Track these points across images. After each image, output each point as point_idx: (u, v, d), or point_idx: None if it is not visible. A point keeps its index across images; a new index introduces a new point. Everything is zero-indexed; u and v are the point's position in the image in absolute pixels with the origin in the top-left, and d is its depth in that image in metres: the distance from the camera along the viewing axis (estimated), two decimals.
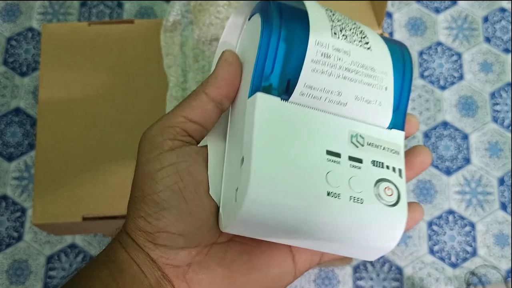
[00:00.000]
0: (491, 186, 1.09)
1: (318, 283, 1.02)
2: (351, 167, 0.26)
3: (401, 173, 0.27)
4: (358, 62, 0.26)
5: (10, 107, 1.11)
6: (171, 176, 0.25)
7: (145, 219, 0.25)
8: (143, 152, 0.27)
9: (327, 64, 0.26)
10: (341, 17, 0.28)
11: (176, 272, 0.26)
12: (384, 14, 0.60)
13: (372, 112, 0.27)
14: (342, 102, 0.27)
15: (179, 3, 0.65)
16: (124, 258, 0.25)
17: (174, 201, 0.25)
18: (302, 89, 0.26)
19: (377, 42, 0.28)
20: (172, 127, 0.26)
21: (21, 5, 1.19)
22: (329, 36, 0.26)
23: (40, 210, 0.59)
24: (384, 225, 0.26)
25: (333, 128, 0.26)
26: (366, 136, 0.27)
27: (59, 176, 0.60)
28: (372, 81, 0.27)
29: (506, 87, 1.16)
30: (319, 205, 0.25)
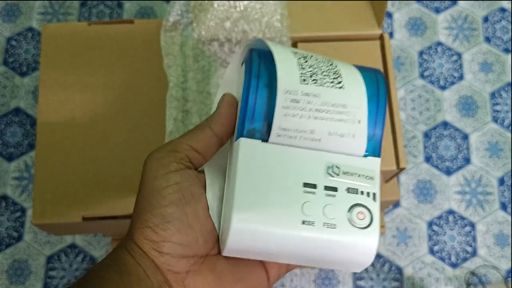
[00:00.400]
0: (491, 186, 1.09)
1: (318, 283, 1.02)
2: (326, 196, 0.29)
3: (375, 197, 0.30)
4: (328, 102, 0.30)
5: (10, 107, 1.11)
6: (176, 193, 0.29)
7: (152, 229, 0.29)
8: (150, 170, 0.30)
9: (297, 108, 0.29)
10: (316, 61, 0.31)
11: (176, 278, 0.29)
12: (384, 14, 0.60)
13: (346, 144, 0.30)
14: (316, 138, 0.30)
15: (179, 3, 0.65)
16: (131, 262, 0.29)
17: (177, 215, 0.29)
18: (278, 131, 0.29)
19: (351, 78, 0.31)
20: (178, 152, 0.30)
21: (21, 5, 1.19)
22: (297, 83, 0.29)
23: (40, 210, 0.59)
24: (356, 246, 0.29)
25: (310, 161, 0.30)
26: (342, 166, 0.30)
27: (59, 176, 0.60)
28: (344, 117, 0.30)
29: (506, 87, 1.16)
30: (295, 233, 0.28)
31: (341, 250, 0.29)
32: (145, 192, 0.30)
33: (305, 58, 0.31)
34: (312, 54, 0.32)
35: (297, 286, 1.02)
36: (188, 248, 0.29)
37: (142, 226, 0.29)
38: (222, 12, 0.63)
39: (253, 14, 0.63)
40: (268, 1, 0.63)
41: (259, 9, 0.63)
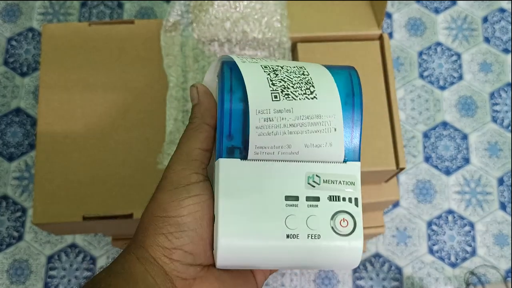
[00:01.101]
0: (490, 186, 1.09)
1: (318, 283, 1.02)
2: (308, 206, 0.30)
3: (357, 202, 0.30)
4: (302, 115, 0.30)
5: (10, 107, 1.11)
6: (195, 205, 0.30)
7: (166, 236, 0.29)
8: (170, 181, 0.31)
9: (271, 126, 0.30)
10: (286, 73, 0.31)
11: (184, 284, 0.30)
12: (383, 14, 0.61)
13: (324, 153, 0.30)
14: (293, 152, 0.30)
15: (179, 3, 0.65)
16: (140, 270, 0.29)
17: (193, 225, 0.30)
18: (255, 150, 0.30)
19: (324, 85, 0.31)
20: (195, 160, 0.31)
21: (22, 6, 1.19)
22: (269, 102, 0.30)
23: (40, 210, 0.59)
24: (342, 253, 0.30)
25: (290, 174, 0.30)
26: (322, 174, 0.30)
27: (59, 176, 0.60)
28: (319, 127, 0.30)
29: (505, 87, 1.16)
30: (280, 247, 0.29)
31: (327, 257, 0.30)
32: (163, 201, 0.30)
33: (275, 72, 0.31)
34: (283, 64, 0.32)
35: (297, 286, 1.02)
36: (197, 257, 0.30)
37: (155, 232, 0.30)
38: (222, 12, 0.63)
39: (253, 14, 0.63)
40: (268, 1, 0.64)
41: (259, 9, 0.64)
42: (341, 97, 0.31)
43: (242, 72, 0.30)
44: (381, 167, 0.56)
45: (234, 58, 0.31)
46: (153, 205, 0.31)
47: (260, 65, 0.31)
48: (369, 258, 1.04)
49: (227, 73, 0.31)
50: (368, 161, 0.56)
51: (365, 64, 0.60)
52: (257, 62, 0.32)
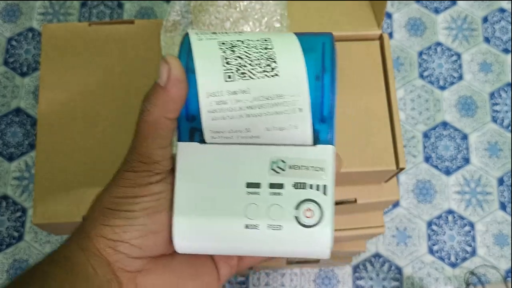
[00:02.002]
0: (490, 186, 1.09)
1: (318, 282, 1.02)
2: (271, 194, 0.27)
3: (326, 190, 0.27)
4: (261, 96, 0.27)
5: (10, 107, 1.11)
6: (151, 202, 0.28)
7: (113, 229, 0.28)
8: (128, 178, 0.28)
9: (225, 110, 0.27)
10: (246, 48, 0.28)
11: (128, 276, 0.29)
12: (383, 14, 0.60)
13: (289, 136, 0.27)
14: (254, 136, 0.27)
15: (179, 3, 0.65)
16: (81, 260, 0.28)
17: (144, 221, 0.28)
18: (211, 135, 0.27)
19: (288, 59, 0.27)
20: (157, 163, 0.28)
21: (22, 6, 1.19)
22: (222, 83, 0.26)
23: (40, 210, 0.59)
24: (306, 245, 0.27)
25: (252, 159, 0.28)
26: (288, 159, 0.28)
27: (59, 176, 0.60)
28: (281, 108, 0.27)
29: (505, 87, 1.16)
30: (239, 239, 0.27)
31: (290, 250, 0.28)
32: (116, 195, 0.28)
33: (232, 49, 0.28)
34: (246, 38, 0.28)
35: (297, 286, 1.02)
36: (146, 251, 0.28)
37: (102, 224, 0.28)
38: (222, 12, 0.63)
39: (253, 14, 0.63)
40: (268, 1, 0.64)
41: (259, 9, 0.64)
42: (310, 72, 0.27)
43: (193, 51, 0.27)
44: (381, 167, 0.56)
45: (190, 33, 0.28)
46: (105, 196, 0.29)
47: (217, 41, 0.28)
48: (369, 258, 1.04)
49: (185, 50, 0.28)
50: (368, 161, 0.56)
51: (365, 64, 0.60)
52: (216, 38, 0.28)
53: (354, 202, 0.63)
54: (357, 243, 0.83)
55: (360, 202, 0.63)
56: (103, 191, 0.30)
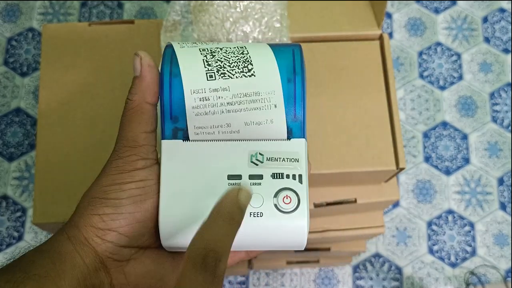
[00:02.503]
0: (490, 186, 1.09)
1: (318, 282, 1.02)
2: (252, 185, 0.30)
3: (301, 179, 0.30)
4: (239, 93, 0.30)
5: (10, 107, 1.11)
6: (138, 189, 0.29)
7: (101, 217, 0.29)
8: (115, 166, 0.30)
9: (207, 106, 0.30)
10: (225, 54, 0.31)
11: (115, 265, 0.30)
12: (383, 14, 0.61)
13: (266, 130, 0.30)
14: (234, 131, 0.30)
15: (179, 3, 0.65)
16: (68, 249, 0.28)
17: (131, 209, 0.29)
18: (194, 130, 0.30)
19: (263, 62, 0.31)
20: (142, 146, 0.30)
21: (22, 6, 1.19)
22: (204, 81, 0.30)
23: (40, 210, 0.59)
24: (286, 230, 0.29)
25: (233, 153, 0.30)
26: (266, 152, 0.30)
27: (59, 176, 0.60)
28: (258, 104, 0.30)
29: (505, 87, 1.16)
30: None
31: (272, 236, 0.30)
32: (104, 183, 0.30)
33: (212, 54, 0.31)
34: (223, 46, 0.32)
35: (297, 286, 1.02)
36: (133, 240, 0.29)
37: (91, 213, 0.29)
38: (222, 12, 0.63)
39: (253, 14, 0.63)
40: (268, 1, 0.64)
41: (259, 9, 0.64)
42: (283, 75, 0.30)
43: (177, 55, 0.31)
44: (381, 167, 0.56)
45: (173, 44, 0.32)
46: (94, 187, 0.30)
47: (199, 48, 0.31)
48: (369, 258, 1.04)
49: (168, 58, 0.31)
50: (368, 161, 0.56)
51: (365, 64, 0.60)
52: (196, 46, 0.32)
53: (354, 202, 0.63)
54: (357, 243, 0.83)
55: (360, 202, 0.63)
56: (92, 183, 0.31)
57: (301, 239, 0.30)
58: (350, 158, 0.56)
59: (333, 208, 0.64)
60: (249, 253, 0.33)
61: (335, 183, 0.61)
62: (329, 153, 0.56)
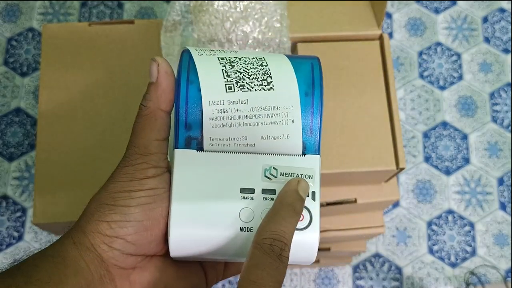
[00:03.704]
0: (490, 186, 1.09)
1: (318, 282, 1.02)
2: (264, 199, 0.29)
3: (315, 196, 0.30)
4: (258, 106, 0.30)
5: (10, 107, 1.11)
6: (147, 197, 0.29)
7: (109, 224, 0.28)
8: (125, 173, 0.30)
9: (225, 118, 0.29)
10: (244, 65, 0.31)
11: (121, 273, 0.29)
12: (383, 14, 0.61)
13: (282, 145, 0.30)
14: (249, 144, 0.30)
15: (179, 3, 0.65)
16: (73, 254, 0.28)
17: (140, 217, 0.29)
18: (210, 142, 0.30)
19: (282, 76, 0.30)
20: (154, 154, 0.30)
21: (22, 6, 1.19)
22: (223, 93, 0.29)
23: (40, 210, 0.59)
24: (297, 247, 0.29)
25: (247, 166, 0.30)
26: (280, 167, 0.30)
27: (59, 176, 0.60)
28: (275, 119, 0.30)
29: (505, 87, 1.16)
30: (233, 241, 0.29)
31: None
32: (114, 190, 0.29)
33: (231, 64, 0.30)
34: (242, 56, 0.31)
35: (297, 285, 1.02)
36: (139, 248, 0.29)
37: (99, 219, 0.29)
38: (222, 12, 0.63)
39: (253, 14, 0.63)
40: (268, 1, 0.64)
41: (259, 9, 0.64)
42: (301, 88, 0.30)
43: (196, 64, 0.30)
44: (381, 167, 0.56)
45: (191, 50, 0.31)
46: (102, 193, 0.30)
47: (217, 57, 0.31)
48: (369, 258, 1.04)
49: (185, 64, 0.30)
50: (368, 161, 0.56)
51: (365, 64, 0.60)
52: (214, 54, 0.31)
53: (354, 202, 0.63)
54: (357, 243, 0.83)
55: (360, 202, 0.63)
56: (101, 188, 0.30)
57: (311, 255, 0.29)
58: (350, 158, 0.56)
59: (333, 208, 0.64)
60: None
61: (335, 183, 0.61)
62: (329, 153, 0.56)
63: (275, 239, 0.27)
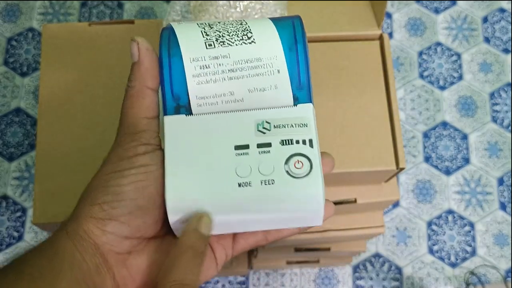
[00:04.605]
0: (490, 186, 1.09)
1: (318, 282, 1.02)
2: (260, 153, 0.29)
3: (312, 143, 0.29)
4: (240, 59, 0.29)
5: (10, 107, 1.11)
6: (139, 174, 0.28)
7: (101, 206, 0.28)
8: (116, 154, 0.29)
9: (208, 74, 0.29)
10: (223, 25, 0.30)
11: (117, 258, 0.28)
12: (383, 14, 0.61)
13: (271, 97, 0.29)
14: (237, 99, 0.29)
15: (179, 3, 0.65)
16: (67, 246, 0.27)
17: (133, 195, 0.28)
18: (197, 101, 0.29)
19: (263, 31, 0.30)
20: (143, 132, 0.29)
21: (22, 6, 1.19)
22: (203, 49, 0.29)
23: (40, 210, 0.59)
24: (301, 195, 0.28)
25: (238, 123, 0.29)
26: (272, 120, 0.29)
27: (59, 176, 0.60)
28: (260, 70, 0.29)
29: (505, 87, 1.16)
30: (233, 198, 0.28)
31: (286, 204, 0.28)
32: (105, 172, 0.29)
33: (210, 26, 0.30)
34: (220, 20, 0.31)
35: (297, 286, 1.02)
36: (134, 229, 0.28)
37: (90, 203, 0.28)
38: (222, 12, 0.63)
39: (253, 14, 0.63)
40: (268, 1, 0.64)
41: (259, 9, 0.64)
42: (284, 43, 0.30)
43: (175, 30, 0.30)
44: (381, 167, 0.56)
45: (171, 23, 0.31)
46: (94, 178, 0.29)
47: (196, 23, 0.31)
48: (369, 258, 1.04)
49: (166, 36, 0.31)
50: (368, 161, 0.56)
51: (365, 64, 0.60)
52: (194, 22, 0.31)
53: (354, 202, 0.63)
54: (357, 243, 0.83)
55: (360, 202, 0.63)
56: (94, 175, 0.30)
57: (316, 208, 0.28)
58: (350, 158, 0.56)
59: None
60: (266, 236, 0.31)
61: (335, 183, 0.61)
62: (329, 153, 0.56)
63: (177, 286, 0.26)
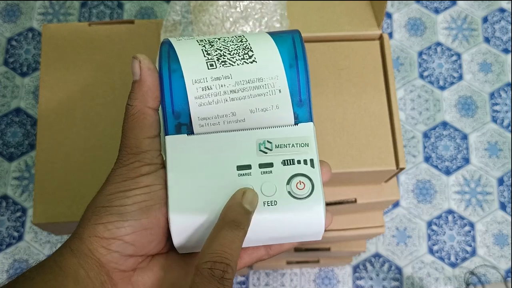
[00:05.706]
0: (490, 186, 1.09)
1: (318, 282, 1.02)
2: (262, 174, 0.29)
3: (313, 163, 0.29)
4: (242, 80, 0.29)
5: (10, 107, 1.11)
6: (143, 195, 0.28)
7: (106, 226, 0.28)
8: (119, 174, 0.29)
9: (210, 95, 0.29)
10: (223, 43, 0.30)
11: (122, 276, 0.29)
12: (383, 14, 0.61)
13: (272, 117, 0.29)
14: (239, 119, 0.29)
15: (179, 3, 0.65)
16: (71, 263, 0.27)
17: (137, 215, 0.28)
18: (199, 122, 0.29)
19: (264, 49, 0.30)
20: (145, 152, 0.29)
21: (22, 6, 1.19)
22: (205, 70, 0.29)
23: (40, 210, 0.59)
24: (302, 216, 0.28)
25: (240, 143, 0.29)
26: (274, 139, 0.29)
27: (59, 176, 0.60)
28: (262, 90, 0.29)
29: (505, 87, 1.16)
30: None
31: (288, 224, 0.28)
32: (108, 192, 0.29)
33: (211, 43, 0.30)
34: (221, 36, 0.31)
35: (297, 286, 1.02)
36: (139, 248, 0.28)
37: (94, 223, 0.28)
38: (222, 12, 0.63)
39: (253, 14, 0.63)
40: (268, 1, 0.64)
41: (259, 9, 0.64)
42: (284, 60, 0.30)
43: (175, 48, 0.30)
44: (381, 167, 0.56)
45: (170, 39, 0.31)
46: (98, 197, 0.29)
47: (196, 40, 0.31)
48: (369, 258, 1.04)
49: (165, 53, 0.30)
50: (368, 161, 0.56)
51: (365, 64, 0.60)
52: (193, 38, 0.31)
53: (354, 202, 0.63)
54: (357, 243, 0.83)
55: (360, 202, 0.63)
56: (96, 193, 0.30)
57: (318, 227, 0.28)
58: (350, 158, 0.56)
59: (333, 208, 0.64)
60: (268, 251, 0.32)
61: (335, 183, 0.61)
62: (329, 153, 0.56)
63: (215, 261, 0.25)
